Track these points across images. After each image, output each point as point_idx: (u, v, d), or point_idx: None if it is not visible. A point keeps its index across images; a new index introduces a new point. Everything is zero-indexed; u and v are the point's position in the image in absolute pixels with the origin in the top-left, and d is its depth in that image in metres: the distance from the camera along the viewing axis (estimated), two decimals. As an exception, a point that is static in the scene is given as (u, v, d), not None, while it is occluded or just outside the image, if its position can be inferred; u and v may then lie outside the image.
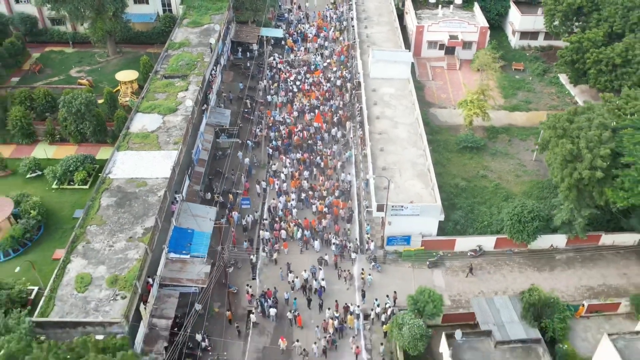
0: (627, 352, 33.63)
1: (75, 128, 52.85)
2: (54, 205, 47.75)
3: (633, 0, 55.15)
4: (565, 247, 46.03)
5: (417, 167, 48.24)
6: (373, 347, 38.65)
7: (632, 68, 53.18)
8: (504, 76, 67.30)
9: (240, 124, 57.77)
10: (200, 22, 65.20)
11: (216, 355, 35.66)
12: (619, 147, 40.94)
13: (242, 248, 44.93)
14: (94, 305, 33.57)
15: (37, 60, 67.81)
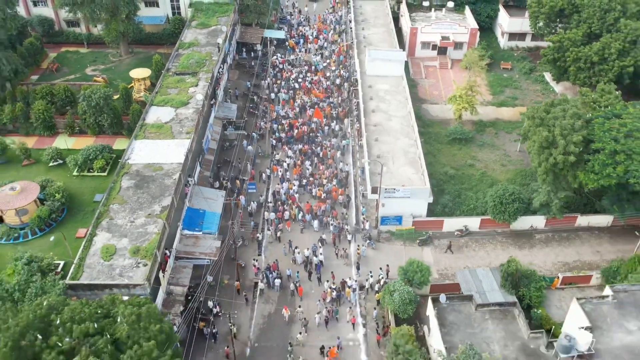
0: (593, 314, 37.96)
1: (94, 121, 57.20)
2: (76, 190, 52.00)
3: (609, 3, 59.51)
4: (544, 227, 50.27)
5: (409, 155, 52.58)
6: (367, 313, 42.88)
7: (608, 65, 57.61)
8: (492, 74, 71.71)
9: (246, 118, 62.19)
10: (208, 24, 69.69)
11: (227, 314, 39.73)
12: (590, 135, 45.34)
13: (248, 228, 49.20)
14: (119, 271, 37.83)
15: (54, 60, 72.27)
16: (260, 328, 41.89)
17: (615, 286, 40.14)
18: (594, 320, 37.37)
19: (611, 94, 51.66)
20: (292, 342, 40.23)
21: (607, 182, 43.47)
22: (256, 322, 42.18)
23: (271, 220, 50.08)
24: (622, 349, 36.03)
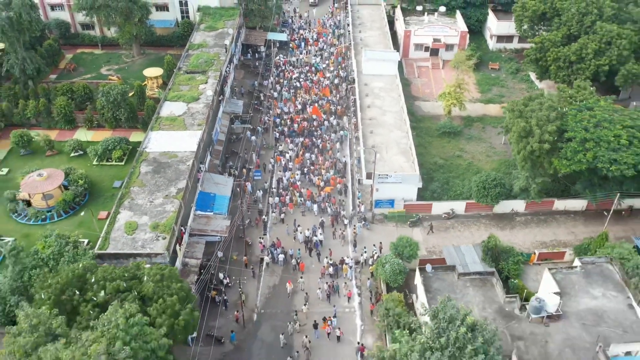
0: (563, 282, 42.85)
1: (112, 115, 62.09)
2: (96, 177, 56.78)
3: (587, 7, 64.48)
4: (524, 211, 55.07)
5: (401, 145, 57.47)
6: (362, 284, 47.62)
7: (585, 64, 62.55)
8: (481, 74, 76.67)
9: (251, 113, 67.13)
10: (215, 27, 74.70)
11: (238, 280, 44.44)
12: (563, 125, 50.25)
13: (255, 210, 54.05)
14: (141, 243, 42.62)
15: (71, 60, 77.26)
16: (265, 297, 46.67)
17: (584, 258, 45.10)
18: (563, 287, 42.25)
19: (586, 89, 56.52)
20: (297, 310, 44.87)
21: (578, 167, 48.31)
22: (262, 292, 46.96)
23: (275, 204, 54.90)
24: (587, 311, 40.85)
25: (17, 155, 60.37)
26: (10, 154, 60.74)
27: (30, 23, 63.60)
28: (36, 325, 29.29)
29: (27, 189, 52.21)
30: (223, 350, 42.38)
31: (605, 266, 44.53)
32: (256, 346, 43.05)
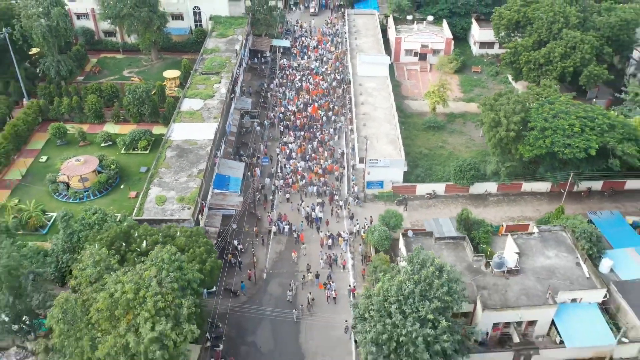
0: (523, 245, 51.20)
1: (137, 110, 70.74)
2: (124, 164, 65.32)
3: (555, 16, 73.25)
4: (496, 192, 63.57)
5: (390, 136, 66.07)
6: (355, 250, 56.04)
7: (552, 66, 71.28)
8: (464, 76, 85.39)
9: (259, 110, 75.83)
10: (226, 34, 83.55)
11: (251, 242, 52.78)
12: (527, 117, 58.84)
13: (262, 192, 62.63)
14: (170, 212, 51.09)
15: (96, 64, 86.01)
16: (273, 261, 55.10)
17: (542, 227, 53.54)
18: (523, 249, 50.67)
19: (551, 87, 65.30)
20: (302, 275, 53.23)
21: (539, 151, 56.88)
22: (270, 256, 55.40)
23: (280, 186, 63.43)
24: (541, 268, 49.16)
25: (54, 145, 68.96)
26: (48, 144, 69.36)
27: (65, 30, 72.47)
28: (98, 261, 37.61)
29: (67, 172, 60.79)
30: (238, 301, 50.74)
31: (560, 233, 52.96)
32: (266, 299, 51.44)
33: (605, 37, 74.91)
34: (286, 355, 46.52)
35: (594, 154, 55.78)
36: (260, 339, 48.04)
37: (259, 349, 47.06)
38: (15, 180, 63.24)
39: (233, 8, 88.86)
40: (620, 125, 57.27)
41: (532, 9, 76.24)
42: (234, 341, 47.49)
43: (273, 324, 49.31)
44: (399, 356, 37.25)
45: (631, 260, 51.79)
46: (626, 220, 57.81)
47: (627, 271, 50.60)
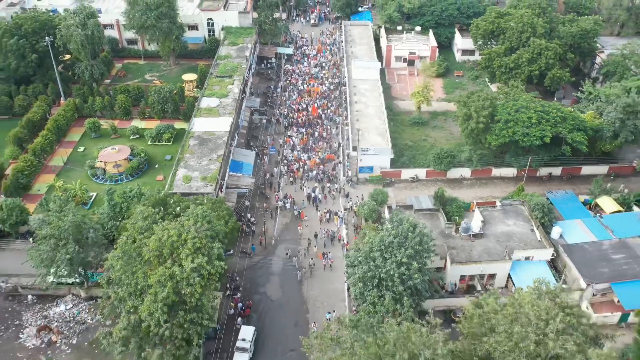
0: (487, 216, 61.90)
1: (161, 108, 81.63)
2: (151, 153, 76.05)
3: (523, 27, 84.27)
4: (470, 177, 74.28)
5: (379, 130, 76.93)
6: (348, 222, 66.75)
7: (520, 70, 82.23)
8: (447, 80, 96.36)
9: (266, 108, 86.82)
10: (237, 42, 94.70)
11: (264, 213, 63.43)
12: (494, 112, 69.65)
13: (273, 177, 73.45)
14: (195, 188, 61.80)
15: (121, 68, 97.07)
16: (280, 230, 65.82)
17: (504, 201, 64.31)
18: (487, 219, 61.39)
19: (517, 87, 76.14)
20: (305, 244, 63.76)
21: (503, 140, 67.62)
22: (277, 227, 66.09)
23: (286, 171, 74.23)
24: (501, 233, 59.84)
25: (89, 137, 79.81)
26: (84, 137, 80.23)
27: (99, 39, 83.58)
28: (146, 217, 48.23)
29: (104, 159, 71.63)
30: (252, 261, 61.41)
31: (518, 206, 63.78)
32: (274, 260, 62.09)
33: (568, 45, 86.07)
34: (291, 301, 57.07)
35: (549, 141, 66.62)
36: (270, 290, 58.65)
37: (269, 297, 57.66)
38: (59, 166, 74.00)
39: (242, 19, 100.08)
40: (570, 117, 68.18)
41: (505, 21, 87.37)
42: (249, 291, 58.11)
43: (280, 280, 59.92)
44: (380, 290, 47.79)
45: (578, 228, 62.60)
46: (578, 198, 68.53)
47: (573, 237, 61.38)
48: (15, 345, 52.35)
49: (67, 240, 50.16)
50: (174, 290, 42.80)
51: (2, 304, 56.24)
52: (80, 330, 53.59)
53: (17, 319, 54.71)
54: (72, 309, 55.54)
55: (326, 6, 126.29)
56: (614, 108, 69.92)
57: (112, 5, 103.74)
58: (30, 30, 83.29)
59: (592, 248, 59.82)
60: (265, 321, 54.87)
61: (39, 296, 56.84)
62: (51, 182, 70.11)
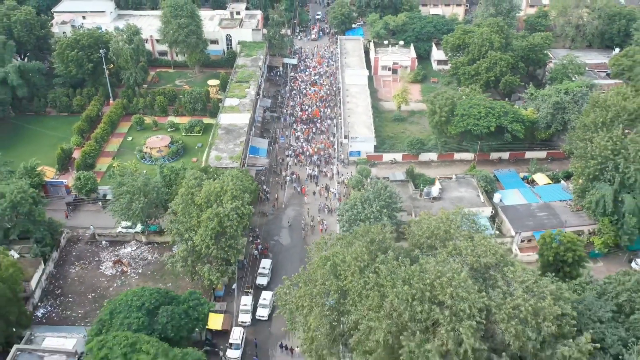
0: (445, 185, 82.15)
1: (192, 107, 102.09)
2: (186, 142, 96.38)
3: (483, 42, 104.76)
4: (436, 160, 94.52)
5: (366, 124, 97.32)
6: (340, 193, 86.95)
7: (480, 76, 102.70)
8: (425, 85, 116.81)
9: (275, 107, 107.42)
10: (251, 54, 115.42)
11: (278, 184, 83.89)
12: (454, 108, 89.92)
13: (279, 162, 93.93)
14: (225, 164, 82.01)
15: (155, 75, 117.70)
16: (288, 197, 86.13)
17: (458, 175, 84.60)
18: (444, 187, 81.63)
19: (475, 90, 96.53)
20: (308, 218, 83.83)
21: (460, 129, 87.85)
22: (286, 195, 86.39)
23: (293, 155, 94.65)
24: (454, 197, 79.95)
25: (134, 130, 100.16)
26: (131, 129, 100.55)
27: (142, 51, 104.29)
28: (196, 177, 68.26)
29: (150, 145, 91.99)
30: (267, 219, 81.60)
31: (470, 179, 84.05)
32: (284, 219, 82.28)
33: (520, 56, 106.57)
34: (297, 246, 77.08)
35: (494, 130, 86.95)
36: (281, 238, 78.90)
37: (281, 243, 77.88)
38: (114, 151, 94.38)
39: (255, 35, 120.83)
40: (511, 112, 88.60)
41: (469, 37, 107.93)
42: (266, 239, 78.25)
43: (289, 232, 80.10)
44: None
45: (514, 195, 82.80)
46: (518, 175, 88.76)
47: (510, 201, 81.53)
48: (98, 273, 72.36)
49: (139, 195, 70.26)
50: (218, 224, 62.80)
51: (84, 247, 76.34)
52: (143, 264, 73.58)
53: (97, 257, 74.78)
54: (136, 250, 75.61)
55: (325, 23, 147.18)
56: (546, 105, 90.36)
57: (146, 23, 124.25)
58: (86, 44, 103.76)
59: (522, 208, 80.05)
60: (278, 258, 74.99)
61: (110, 241, 76.91)
62: (110, 163, 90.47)
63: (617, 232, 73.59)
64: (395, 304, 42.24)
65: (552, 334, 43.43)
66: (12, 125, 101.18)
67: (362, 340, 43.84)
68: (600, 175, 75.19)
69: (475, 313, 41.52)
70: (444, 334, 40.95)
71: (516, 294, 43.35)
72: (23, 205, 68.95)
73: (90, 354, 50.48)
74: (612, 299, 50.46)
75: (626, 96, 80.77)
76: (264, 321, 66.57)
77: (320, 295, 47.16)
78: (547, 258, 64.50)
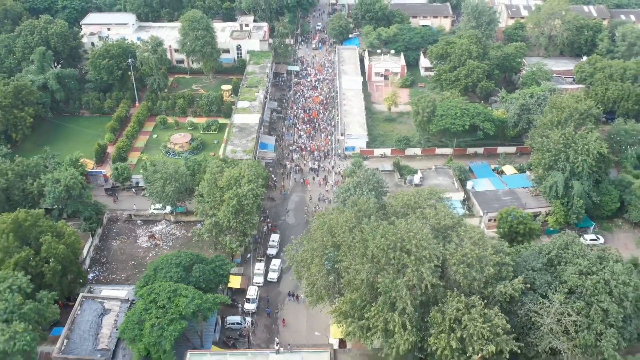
0: (426, 175, 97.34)
1: (208, 108, 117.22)
2: (204, 138, 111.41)
3: (462, 52, 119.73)
4: (420, 154, 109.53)
5: (360, 123, 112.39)
6: (337, 181, 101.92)
7: (459, 82, 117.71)
8: (413, 90, 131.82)
9: (280, 109, 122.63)
10: (259, 62, 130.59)
11: (284, 173, 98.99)
12: (434, 109, 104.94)
13: (285, 156, 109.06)
14: (239, 156, 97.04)
15: (174, 81, 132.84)
16: (293, 185, 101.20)
17: (437, 166, 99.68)
18: (425, 176, 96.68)
19: (453, 94, 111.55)
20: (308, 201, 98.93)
21: (439, 127, 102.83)
22: (291, 183, 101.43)
23: (297, 149, 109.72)
24: (432, 184, 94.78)
25: (159, 129, 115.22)
26: (155, 128, 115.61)
27: (165, 60, 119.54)
28: (218, 165, 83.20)
29: (174, 141, 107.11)
30: (275, 203, 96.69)
31: (447, 170, 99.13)
32: (291, 202, 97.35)
33: (495, 64, 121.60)
34: (300, 225, 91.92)
35: (468, 128, 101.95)
36: (287, 219, 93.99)
37: (287, 222, 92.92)
38: (142, 146, 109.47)
39: (262, 45, 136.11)
40: (483, 112, 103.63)
41: (451, 47, 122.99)
42: (274, 218, 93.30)
43: (294, 214, 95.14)
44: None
45: (485, 183, 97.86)
46: (490, 167, 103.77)
47: (480, 187, 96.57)
48: (135, 246, 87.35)
49: (171, 180, 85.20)
50: (237, 202, 77.65)
51: (123, 225, 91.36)
52: (173, 239, 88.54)
53: (134, 233, 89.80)
54: (166, 227, 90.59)
55: (324, 33, 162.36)
56: (514, 107, 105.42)
57: (164, 34, 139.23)
58: (115, 54, 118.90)
59: (490, 194, 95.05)
60: (285, 234, 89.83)
61: (144, 220, 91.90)
62: (139, 156, 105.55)
63: (567, 212, 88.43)
64: (375, 252, 57.15)
65: (492, 276, 58.30)
66: (52, 125, 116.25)
67: (350, 280, 58.73)
68: (554, 165, 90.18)
69: (433, 259, 56.38)
70: (410, 273, 55.78)
71: (465, 246, 58.25)
72: (75, 189, 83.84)
73: (141, 299, 65.25)
74: (545, 255, 65.28)
75: (578, 99, 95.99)
76: (273, 282, 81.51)
77: (319, 249, 62.13)
78: (503, 230, 79.52)
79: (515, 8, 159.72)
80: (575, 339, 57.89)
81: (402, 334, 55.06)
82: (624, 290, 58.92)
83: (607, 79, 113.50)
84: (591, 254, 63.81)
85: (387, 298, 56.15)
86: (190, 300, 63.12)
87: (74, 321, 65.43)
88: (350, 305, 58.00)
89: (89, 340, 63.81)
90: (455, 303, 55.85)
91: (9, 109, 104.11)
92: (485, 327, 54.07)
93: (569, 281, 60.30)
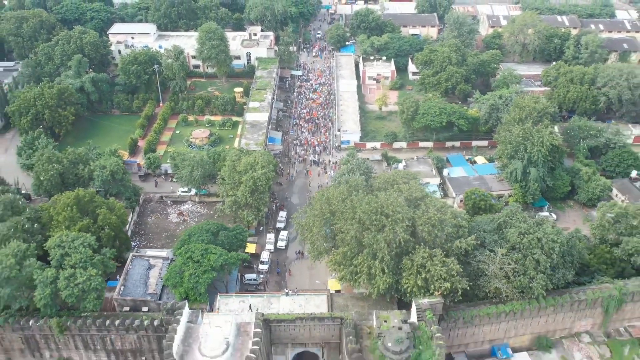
0: (409, 164, 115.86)
1: (223, 108, 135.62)
2: (221, 134, 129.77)
3: (443, 59, 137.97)
4: (406, 147, 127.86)
5: (354, 120, 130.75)
6: (334, 169, 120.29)
7: (440, 85, 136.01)
8: (402, 92, 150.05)
9: (286, 109, 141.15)
10: (267, 67, 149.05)
11: (289, 164, 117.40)
12: (417, 108, 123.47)
13: (290, 150, 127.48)
14: (252, 148, 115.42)
15: (191, 84, 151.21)
16: (298, 173, 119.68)
17: (419, 157, 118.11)
18: (408, 164, 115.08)
19: (434, 95, 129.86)
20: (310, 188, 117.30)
21: (421, 124, 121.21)
22: (296, 171, 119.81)
23: (300, 144, 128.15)
24: (415, 171, 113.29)
25: (181, 125, 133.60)
26: (178, 124, 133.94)
27: (185, 66, 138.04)
28: (236, 153, 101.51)
29: (195, 135, 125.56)
30: (281, 187, 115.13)
31: (427, 159, 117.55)
32: (295, 186, 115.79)
33: (472, 70, 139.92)
34: (302, 204, 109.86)
35: (445, 125, 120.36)
36: (293, 200, 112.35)
37: (293, 202, 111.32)
38: (167, 140, 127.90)
39: (269, 52, 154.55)
40: (458, 111, 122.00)
41: (433, 54, 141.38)
42: (282, 200, 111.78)
43: (298, 196, 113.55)
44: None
45: (458, 171, 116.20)
46: (464, 157, 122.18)
47: (455, 174, 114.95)
48: (167, 221, 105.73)
49: (197, 167, 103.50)
50: (253, 183, 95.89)
51: (155, 205, 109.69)
52: (198, 216, 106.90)
53: (165, 211, 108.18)
54: (192, 207, 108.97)
55: (324, 41, 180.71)
56: (485, 106, 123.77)
57: (182, 42, 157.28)
58: (142, 61, 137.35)
59: (462, 179, 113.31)
60: (291, 212, 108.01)
61: (173, 201, 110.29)
62: (165, 148, 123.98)
63: (525, 194, 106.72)
64: (361, 216, 75.53)
65: (451, 235, 76.64)
66: (88, 122, 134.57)
67: (342, 237, 77.06)
68: (515, 155, 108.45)
69: (405, 220, 74.70)
70: (388, 231, 74.04)
71: (430, 211, 76.59)
72: (118, 174, 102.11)
73: (179, 257, 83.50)
74: (496, 222, 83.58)
75: (537, 100, 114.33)
76: (282, 250, 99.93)
77: (319, 216, 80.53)
78: (468, 205, 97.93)
79: (495, 18, 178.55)
80: (513, 282, 76.24)
81: (381, 276, 73.38)
82: (552, 245, 77.07)
83: (569, 82, 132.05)
84: (530, 220, 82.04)
85: (370, 250, 74.42)
86: (218, 256, 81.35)
87: (127, 273, 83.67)
88: (342, 256, 76.40)
89: (140, 287, 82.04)
90: (422, 253, 74.11)
91: (54, 109, 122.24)
92: (443, 270, 72.36)
93: (511, 239, 78.59)
